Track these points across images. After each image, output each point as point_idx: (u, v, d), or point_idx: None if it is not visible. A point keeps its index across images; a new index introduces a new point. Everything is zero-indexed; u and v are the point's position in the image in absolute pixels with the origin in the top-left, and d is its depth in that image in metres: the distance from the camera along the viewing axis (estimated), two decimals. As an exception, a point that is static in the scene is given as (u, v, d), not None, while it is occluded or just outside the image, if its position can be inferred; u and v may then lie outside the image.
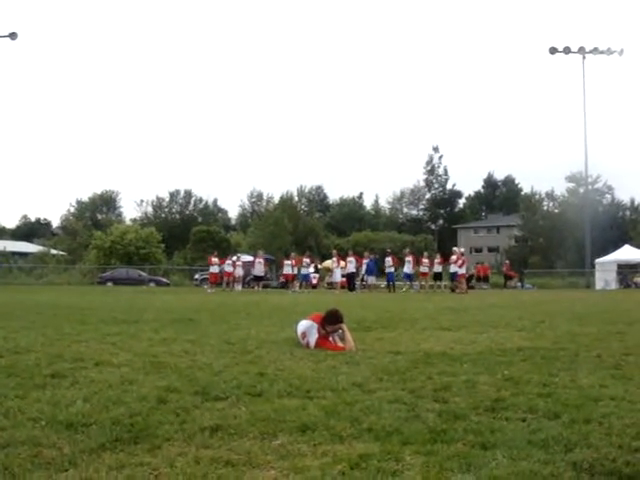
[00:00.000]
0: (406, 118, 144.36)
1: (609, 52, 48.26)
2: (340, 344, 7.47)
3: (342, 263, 34.18)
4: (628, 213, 79.83)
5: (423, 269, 33.59)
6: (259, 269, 34.64)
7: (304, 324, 7.88)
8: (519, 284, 45.87)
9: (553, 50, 48.77)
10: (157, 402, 4.44)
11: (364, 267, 33.88)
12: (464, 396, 4.76)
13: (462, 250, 36.12)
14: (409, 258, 33.71)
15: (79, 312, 13.50)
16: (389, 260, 34.05)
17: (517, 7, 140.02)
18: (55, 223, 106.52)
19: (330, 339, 7.58)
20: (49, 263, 56.94)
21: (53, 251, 64.75)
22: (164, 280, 47.86)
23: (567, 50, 48.51)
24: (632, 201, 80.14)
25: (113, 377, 5.40)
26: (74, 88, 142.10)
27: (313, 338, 7.53)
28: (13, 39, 44.50)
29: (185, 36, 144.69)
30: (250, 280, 36.95)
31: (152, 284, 45.01)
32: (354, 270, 33.50)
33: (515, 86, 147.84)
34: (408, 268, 33.54)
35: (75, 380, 5.28)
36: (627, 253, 46.76)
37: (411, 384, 5.21)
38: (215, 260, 34.58)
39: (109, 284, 45.15)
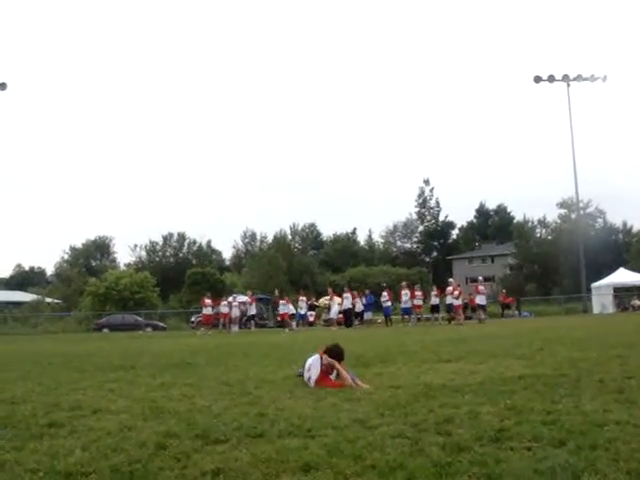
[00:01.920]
0: (396, 152, 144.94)
1: (593, 79, 49.04)
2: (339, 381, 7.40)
3: (338, 299, 34.12)
4: (621, 236, 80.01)
5: (417, 302, 33.55)
6: (250, 309, 35.06)
7: (313, 357, 7.81)
8: (516, 312, 45.76)
9: (538, 79, 49.49)
10: (157, 448, 4.38)
11: (358, 303, 33.67)
12: (467, 427, 4.70)
13: (481, 279, 36.32)
14: (406, 291, 33.65)
15: (75, 360, 13.38)
16: (385, 295, 34.05)
17: (501, 37, 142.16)
18: (49, 271, 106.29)
19: (331, 377, 7.50)
20: (44, 311, 56.65)
21: (48, 299, 64.48)
22: (161, 324, 47.53)
23: (551, 78, 49.26)
24: (624, 224, 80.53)
25: (112, 424, 5.33)
26: (64, 135, 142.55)
27: (315, 373, 7.45)
28: (3, 89, 44.81)
29: (169, 80, 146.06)
30: (246, 321, 36.87)
31: (149, 329, 44.62)
32: (350, 306, 33.40)
33: (503, 115, 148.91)
34: (405, 302, 33.47)
35: (73, 429, 5.21)
36: (622, 276, 46.88)
37: (413, 418, 5.16)
38: (208, 302, 34.40)
39: (105, 330, 44.75)
